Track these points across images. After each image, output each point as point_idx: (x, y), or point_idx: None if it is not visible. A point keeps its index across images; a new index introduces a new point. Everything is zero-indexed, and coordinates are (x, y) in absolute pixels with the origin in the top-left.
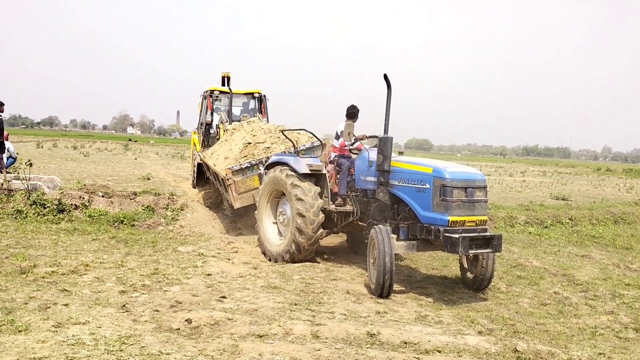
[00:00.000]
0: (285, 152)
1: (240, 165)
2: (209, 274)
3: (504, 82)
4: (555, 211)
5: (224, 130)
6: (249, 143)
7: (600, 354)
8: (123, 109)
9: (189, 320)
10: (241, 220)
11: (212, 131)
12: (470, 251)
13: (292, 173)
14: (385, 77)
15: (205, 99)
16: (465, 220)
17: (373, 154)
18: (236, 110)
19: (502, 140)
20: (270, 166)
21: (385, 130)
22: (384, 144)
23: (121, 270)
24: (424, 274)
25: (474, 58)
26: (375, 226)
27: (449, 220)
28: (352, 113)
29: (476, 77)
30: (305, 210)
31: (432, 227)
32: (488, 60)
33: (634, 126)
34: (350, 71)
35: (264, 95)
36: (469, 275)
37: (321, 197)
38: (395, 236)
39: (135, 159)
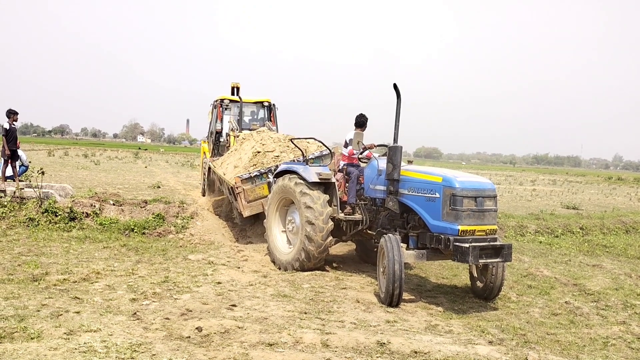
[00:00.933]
0: (294, 160)
1: (250, 173)
2: (219, 282)
3: (514, 90)
4: (566, 220)
5: (235, 138)
6: (258, 152)
7: None
8: (133, 118)
9: (199, 329)
10: (251, 229)
11: (222, 140)
12: (480, 260)
13: (301, 181)
14: (395, 86)
15: (215, 107)
16: (475, 230)
17: (382, 163)
18: (246, 119)
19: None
20: (279, 175)
21: (395, 139)
22: (393, 153)
23: (132, 278)
24: (434, 283)
25: (484, 67)
26: (384, 235)
27: (459, 230)
28: (361, 122)
29: (486, 86)
30: (314, 218)
31: (442, 236)
32: (498, 69)
33: None
34: (361, 80)
35: (274, 104)
36: (479, 284)
37: (330, 206)
38: (404, 245)
39: (146, 167)
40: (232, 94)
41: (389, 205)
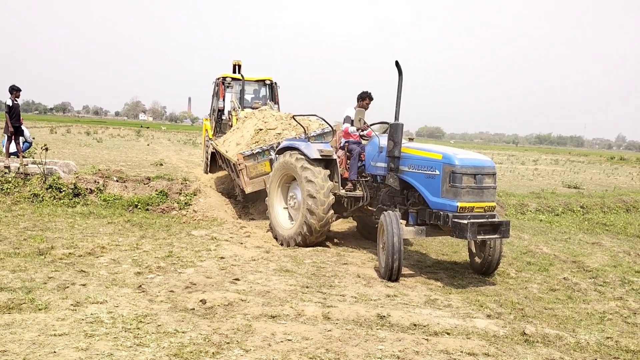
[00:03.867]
0: (296, 137)
1: (252, 150)
2: (222, 257)
3: (518, 71)
4: (567, 199)
5: (236, 117)
6: (260, 129)
7: (607, 338)
8: (135, 96)
9: (203, 301)
10: (253, 206)
11: (224, 117)
12: (478, 237)
13: (303, 157)
14: (397, 63)
15: (217, 86)
16: (474, 207)
17: (383, 140)
18: (248, 98)
19: (515, 129)
20: (281, 151)
21: (396, 117)
22: (394, 130)
23: (136, 252)
24: (433, 259)
25: (488, 47)
26: (384, 212)
27: (458, 206)
28: (363, 98)
29: (490, 67)
30: (315, 192)
31: (441, 213)
32: (502, 50)
33: None
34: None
35: (275, 83)
36: (477, 260)
37: (331, 181)
38: (404, 221)
39: (148, 145)
40: (234, 71)
41: (389, 182)
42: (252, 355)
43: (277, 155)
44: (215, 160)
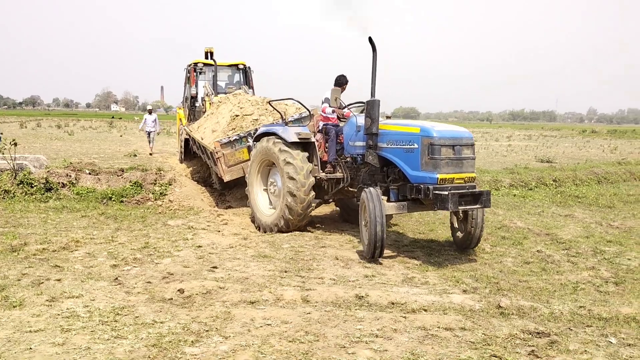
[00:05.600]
0: (273, 123)
1: (229, 138)
2: (199, 246)
3: (489, 47)
4: (540, 173)
5: (210, 103)
6: (237, 115)
7: (581, 307)
8: (106, 86)
9: (181, 290)
10: (230, 193)
11: (197, 104)
12: (459, 207)
13: (280, 141)
14: (370, 40)
15: (189, 72)
16: (454, 178)
17: (361, 119)
18: (222, 84)
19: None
20: (258, 138)
21: (372, 94)
22: (371, 107)
23: (112, 245)
24: (411, 238)
25: (458, 25)
26: (365, 189)
27: (437, 178)
28: (340, 82)
29: (461, 44)
30: (295, 174)
31: (422, 186)
32: (472, 26)
33: (619, 88)
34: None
35: (249, 67)
36: (459, 234)
37: (312, 173)
38: (385, 198)
39: (121, 136)
40: (206, 58)
41: (368, 159)
42: (232, 342)
43: (254, 143)
44: (189, 147)
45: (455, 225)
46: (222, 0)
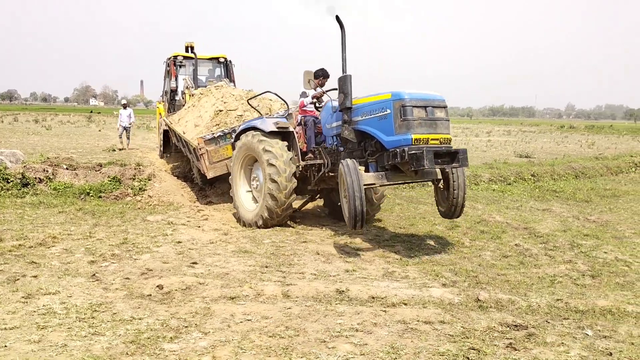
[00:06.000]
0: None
1: (213, 134)
2: (179, 242)
3: (469, 43)
4: (519, 168)
5: (190, 96)
6: (220, 110)
7: (558, 299)
8: (84, 80)
9: (160, 286)
10: (210, 188)
11: (177, 98)
12: (436, 165)
13: (259, 133)
14: (337, 18)
15: (168, 66)
16: (428, 138)
17: (336, 102)
18: (202, 78)
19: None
20: (239, 136)
21: (344, 70)
22: (343, 83)
23: (89, 241)
24: (391, 232)
25: (440, 20)
26: (342, 161)
27: (412, 138)
28: (317, 74)
29: (442, 39)
30: (275, 159)
31: (398, 150)
32: (453, 22)
33: (596, 83)
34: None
35: (230, 61)
36: (443, 205)
37: (292, 162)
38: (363, 168)
39: (99, 130)
40: (187, 52)
41: (344, 134)
42: (211, 338)
43: (234, 144)
44: (168, 139)
45: (439, 198)
46: None
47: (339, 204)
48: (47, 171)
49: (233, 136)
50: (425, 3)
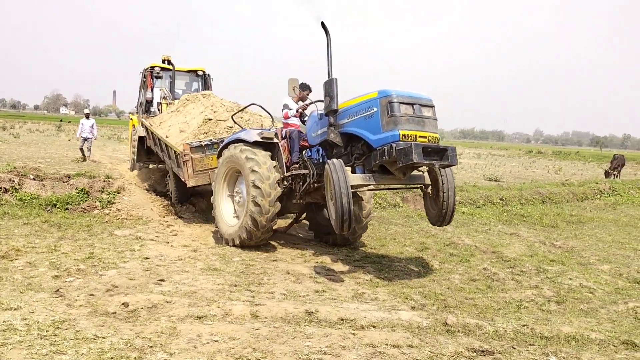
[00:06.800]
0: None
1: (200, 142)
2: (146, 258)
3: (440, 65)
4: (487, 192)
5: (167, 105)
6: (209, 119)
7: (524, 325)
8: (55, 89)
9: (125, 304)
10: (183, 205)
11: (152, 110)
12: (425, 160)
13: (242, 144)
14: (323, 24)
15: (145, 77)
16: (416, 135)
17: (321, 107)
18: (178, 91)
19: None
20: (222, 150)
21: (329, 74)
22: (329, 86)
23: (54, 254)
24: (362, 252)
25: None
26: (328, 160)
27: (399, 134)
28: (305, 87)
29: (413, 60)
30: (257, 166)
31: (385, 148)
32: (425, 47)
33: (564, 110)
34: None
35: (209, 74)
36: (432, 211)
37: (276, 169)
38: (349, 169)
39: (69, 140)
40: (163, 64)
41: (330, 137)
42: (177, 358)
43: (219, 158)
44: (143, 146)
45: (429, 204)
46: (181, 3)
47: (324, 223)
48: (13, 181)
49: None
50: (396, 22)
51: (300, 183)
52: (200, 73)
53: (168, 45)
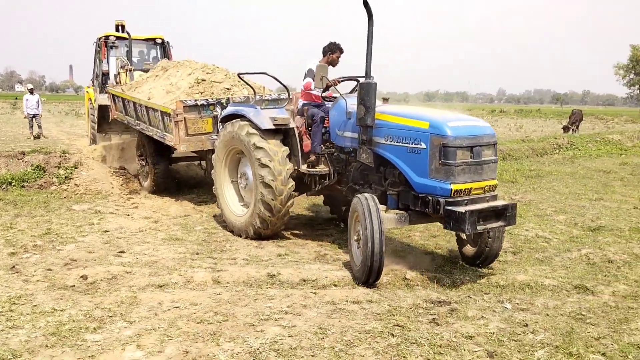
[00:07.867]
0: (247, 98)
1: (196, 100)
2: (106, 231)
3: (405, 29)
4: None
5: (127, 73)
6: (203, 80)
7: (480, 276)
8: (9, 65)
9: (84, 277)
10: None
11: (109, 82)
12: (478, 227)
13: (254, 131)
14: (366, 4)
15: (99, 47)
16: (471, 188)
17: (352, 103)
18: (135, 60)
19: (405, 87)
20: (226, 119)
21: (367, 74)
22: (365, 92)
23: (10, 232)
24: (325, 216)
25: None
26: (358, 195)
27: (451, 190)
28: (332, 50)
29: (378, 25)
30: (268, 158)
31: (430, 198)
32: (389, 5)
33: (525, 70)
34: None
35: (168, 42)
36: (470, 248)
37: (290, 160)
38: (383, 207)
39: (25, 117)
40: (117, 31)
41: (361, 158)
42: (137, 326)
43: (222, 124)
44: (104, 116)
45: (464, 237)
46: None
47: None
48: None
49: (218, 109)
50: None
51: (317, 180)
52: (158, 41)
53: (127, 14)
